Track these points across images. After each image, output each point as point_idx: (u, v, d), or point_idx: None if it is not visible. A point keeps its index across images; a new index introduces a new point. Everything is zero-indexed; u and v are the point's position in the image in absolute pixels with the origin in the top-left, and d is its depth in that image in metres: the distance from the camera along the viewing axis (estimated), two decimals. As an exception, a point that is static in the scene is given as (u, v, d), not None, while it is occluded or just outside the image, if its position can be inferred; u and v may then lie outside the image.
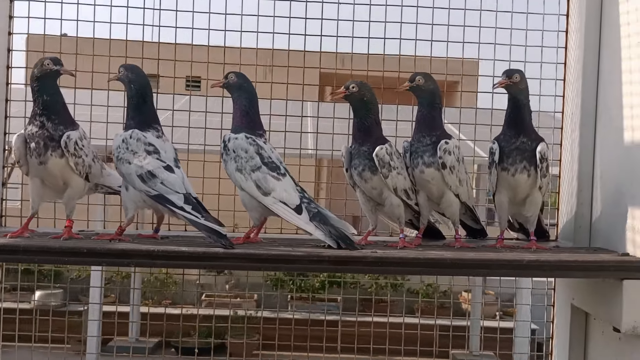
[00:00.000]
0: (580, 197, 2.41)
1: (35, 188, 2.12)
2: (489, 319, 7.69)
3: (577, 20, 2.45)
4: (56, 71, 2.11)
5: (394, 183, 2.20)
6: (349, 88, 2.20)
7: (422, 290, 8.61)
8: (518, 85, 2.22)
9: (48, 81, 2.10)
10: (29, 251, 1.88)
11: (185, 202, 1.96)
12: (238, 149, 2.13)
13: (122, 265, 2.27)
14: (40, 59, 2.12)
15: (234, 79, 2.22)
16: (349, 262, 1.99)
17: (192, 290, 8.22)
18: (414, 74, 2.28)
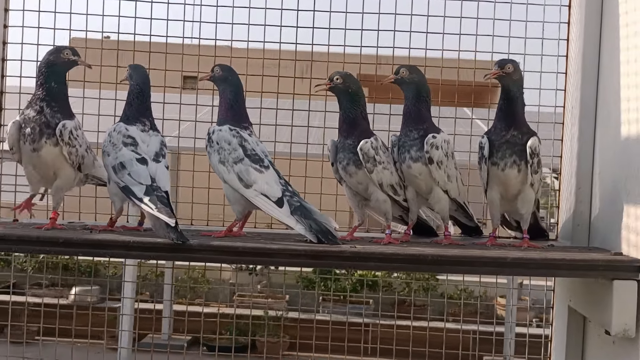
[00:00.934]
0: (579, 195, 2.31)
1: (29, 175, 2.14)
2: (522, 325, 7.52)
3: (578, 11, 2.36)
4: (73, 61, 2.13)
5: (380, 178, 2.16)
6: (333, 80, 2.17)
7: (456, 295, 8.47)
8: (511, 75, 2.14)
9: (60, 70, 2.12)
10: (8, 240, 1.91)
11: (145, 194, 1.95)
12: (221, 141, 2.12)
13: (97, 256, 2.28)
14: (57, 47, 2.15)
15: (219, 72, 2.22)
16: (325, 257, 1.95)
17: (225, 289, 8.31)
18: (399, 67, 2.23)
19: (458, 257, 1.96)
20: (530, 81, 2.22)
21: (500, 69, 2.12)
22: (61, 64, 2.12)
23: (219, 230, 2.17)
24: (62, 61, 2.12)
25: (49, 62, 2.12)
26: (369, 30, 2.56)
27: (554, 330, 2.44)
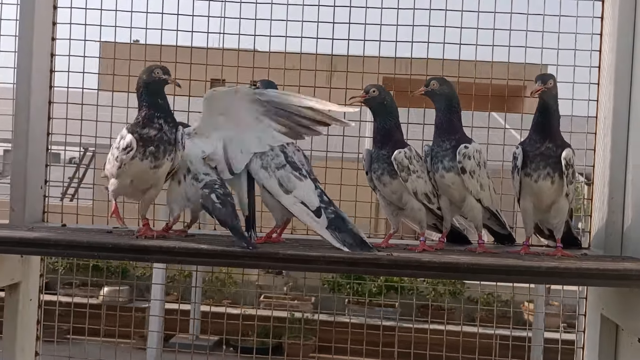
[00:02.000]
0: (611, 205, 2.34)
1: (119, 188, 2.16)
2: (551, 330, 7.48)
3: (611, 24, 2.39)
4: (164, 80, 2.17)
5: (414, 187, 2.21)
6: (369, 92, 2.22)
7: (482, 299, 8.45)
8: (551, 90, 2.17)
9: (159, 87, 2.16)
10: (59, 245, 1.99)
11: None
12: None
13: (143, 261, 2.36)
14: (149, 67, 2.20)
15: (259, 86, 2.29)
16: (363, 264, 2.01)
17: (252, 290, 8.39)
18: (429, 79, 2.27)
19: (493, 266, 2.01)
20: (563, 91, 2.25)
21: (544, 85, 2.15)
22: (156, 82, 2.17)
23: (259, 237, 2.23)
24: (154, 80, 2.16)
25: (146, 82, 2.16)
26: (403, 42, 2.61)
27: (586, 338, 2.47)
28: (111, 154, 2.13)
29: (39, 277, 2.53)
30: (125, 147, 2.07)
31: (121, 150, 2.08)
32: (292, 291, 8.89)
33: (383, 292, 8.21)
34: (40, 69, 2.49)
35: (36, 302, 2.51)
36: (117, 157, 2.09)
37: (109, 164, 2.14)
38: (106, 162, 2.17)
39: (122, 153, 2.07)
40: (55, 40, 2.56)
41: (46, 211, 2.55)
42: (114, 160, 2.11)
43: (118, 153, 2.08)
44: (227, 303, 7.63)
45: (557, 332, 7.07)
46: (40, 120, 2.51)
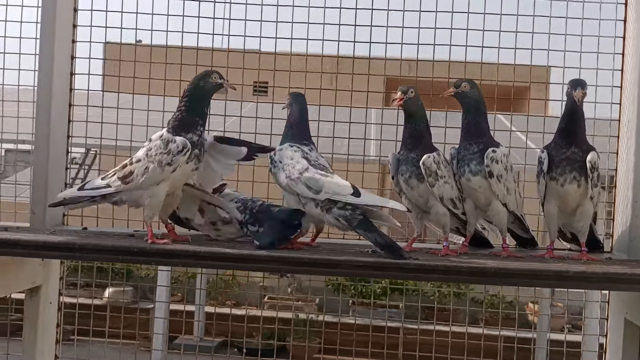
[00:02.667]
0: (635, 208, 2.34)
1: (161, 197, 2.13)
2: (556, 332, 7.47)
3: (635, 27, 2.38)
4: (220, 85, 2.19)
5: (441, 192, 2.20)
6: (407, 93, 2.21)
7: (487, 300, 8.45)
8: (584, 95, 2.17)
9: (209, 94, 2.19)
10: (85, 249, 1.98)
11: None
12: (284, 158, 2.17)
13: (169, 265, 2.35)
14: (206, 72, 2.20)
15: (288, 99, 2.31)
16: (390, 269, 1.99)
17: (256, 292, 8.37)
18: (459, 80, 2.25)
19: (520, 270, 2.00)
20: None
21: (582, 90, 2.13)
22: (211, 89, 2.18)
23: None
24: (211, 85, 2.18)
25: (202, 87, 2.17)
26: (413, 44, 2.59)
27: (609, 342, 2.46)
28: (150, 162, 2.07)
29: (59, 280, 2.51)
30: (181, 149, 2.07)
31: (175, 152, 2.06)
32: (296, 292, 8.88)
33: (388, 294, 8.19)
34: (61, 72, 2.47)
35: (56, 305, 2.49)
36: (169, 161, 2.06)
37: (149, 172, 2.07)
38: (134, 174, 2.08)
39: (179, 155, 2.06)
40: (75, 43, 2.55)
41: (66, 214, 2.53)
42: (157, 166, 2.06)
43: (170, 156, 2.06)
44: (231, 304, 7.63)
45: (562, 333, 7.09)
46: (61, 122, 2.50)
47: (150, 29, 2.76)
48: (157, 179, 2.07)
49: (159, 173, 2.07)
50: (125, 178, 2.08)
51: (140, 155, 2.10)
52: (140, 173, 2.07)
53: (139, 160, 2.09)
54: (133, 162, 2.10)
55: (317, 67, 2.85)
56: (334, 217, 2.07)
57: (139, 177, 2.07)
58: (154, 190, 2.09)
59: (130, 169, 2.08)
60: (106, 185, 2.10)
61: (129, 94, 2.80)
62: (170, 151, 2.07)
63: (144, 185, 2.08)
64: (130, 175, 2.08)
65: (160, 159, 2.07)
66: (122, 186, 2.08)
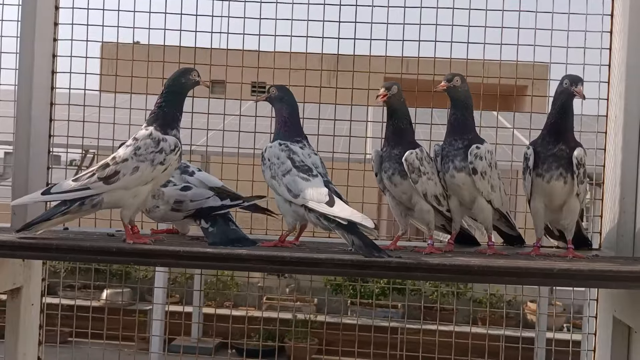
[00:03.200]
0: (623, 205, 2.31)
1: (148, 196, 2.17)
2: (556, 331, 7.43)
3: (622, 21, 2.35)
4: (197, 82, 2.19)
5: (424, 189, 2.17)
6: (390, 89, 2.18)
7: (486, 300, 8.42)
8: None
9: (189, 90, 2.19)
10: (61, 249, 1.96)
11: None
12: (272, 157, 2.17)
13: (148, 265, 2.32)
14: (185, 69, 2.20)
15: (275, 93, 2.27)
16: (371, 267, 1.96)
17: (254, 293, 8.35)
18: (451, 74, 2.21)
19: (504, 268, 1.97)
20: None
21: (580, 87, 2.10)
22: (190, 85, 2.18)
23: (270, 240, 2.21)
24: (191, 82, 2.18)
25: (183, 83, 2.16)
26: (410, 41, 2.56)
27: (598, 341, 2.43)
28: (140, 161, 2.04)
29: (41, 281, 2.49)
30: (173, 148, 2.08)
31: (168, 151, 2.06)
32: (293, 293, 8.85)
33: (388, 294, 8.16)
34: (41, 70, 2.45)
35: (38, 307, 2.47)
36: (161, 160, 2.05)
37: (140, 172, 2.03)
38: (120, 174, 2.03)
39: (171, 154, 2.07)
40: (57, 41, 2.53)
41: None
42: (149, 165, 2.04)
43: (163, 155, 2.05)
44: (229, 305, 7.61)
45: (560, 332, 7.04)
46: (41, 122, 2.47)
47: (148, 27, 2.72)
48: (148, 178, 2.05)
49: (150, 172, 2.04)
50: (109, 178, 2.01)
51: (126, 154, 2.04)
52: (129, 172, 2.02)
53: (126, 159, 2.03)
54: (117, 161, 2.03)
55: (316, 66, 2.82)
56: (315, 217, 2.06)
57: (126, 177, 2.02)
58: (139, 190, 2.06)
59: (114, 168, 2.02)
60: (83, 187, 2.00)
61: (127, 94, 2.77)
62: (163, 150, 2.05)
63: (130, 185, 2.03)
64: (115, 175, 2.01)
65: (153, 157, 2.04)
66: (104, 187, 2.01)
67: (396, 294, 8.62)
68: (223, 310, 7.39)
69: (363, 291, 8.62)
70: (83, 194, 2.01)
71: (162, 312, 7.18)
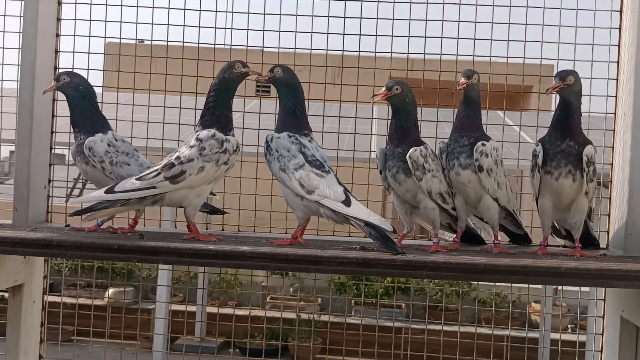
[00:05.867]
0: (631, 204, 2.27)
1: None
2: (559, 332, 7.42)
3: (631, 17, 2.31)
4: (245, 73, 2.18)
5: (428, 186, 2.14)
6: (391, 89, 2.15)
7: (489, 300, 8.39)
8: (572, 87, 2.10)
9: (238, 83, 2.20)
10: (63, 246, 1.93)
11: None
12: (280, 148, 2.10)
13: (150, 262, 2.29)
14: (229, 63, 2.18)
15: (280, 74, 2.17)
16: (376, 265, 1.93)
17: (258, 292, 8.33)
18: (470, 71, 2.17)
19: (511, 267, 1.93)
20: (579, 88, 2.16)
21: (562, 82, 2.08)
22: (234, 79, 2.17)
23: (283, 238, 2.19)
24: (235, 75, 2.16)
25: (226, 79, 2.16)
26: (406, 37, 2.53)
27: (605, 341, 2.40)
28: (205, 161, 2.08)
29: (43, 278, 2.47)
30: (236, 148, 2.14)
31: (232, 151, 2.12)
32: (298, 292, 8.83)
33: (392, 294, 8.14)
34: (44, 66, 2.43)
35: (40, 304, 2.45)
36: (225, 160, 2.11)
37: (205, 171, 2.08)
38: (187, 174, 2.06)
39: (234, 154, 2.14)
40: (59, 37, 2.51)
41: (50, 211, 2.49)
42: (214, 165, 2.09)
43: (227, 155, 2.11)
44: (233, 305, 7.59)
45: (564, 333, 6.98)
46: (44, 118, 2.45)
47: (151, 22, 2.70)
48: (212, 177, 2.11)
49: (215, 172, 2.10)
50: (175, 178, 2.06)
51: (191, 155, 2.08)
52: (194, 172, 2.07)
53: (192, 159, 2.07)
54: (183, 162, 2.07)
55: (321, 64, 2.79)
56: (330, 211, 2.02)
57: (192, 177, 2.07)
58: (203, 189, 2.13)
59: (180, 168, 2.06)
60: (150, 187, 2.04)
61: (129, 93, 2.75)
62: (227, 150, 2.11)
63: (195, 184, 2.09)
64: (181, 175, 2.06)
65: (218, 158, 2.10)
66: (170, 186, 2.06)
67: (400, 294, 8.60)
68: (227, 309, 7.38)
69: (367, 291, 8.60)
70: (149, 193, 2.05)
71: (166, 311, 7.18)
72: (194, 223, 2.15)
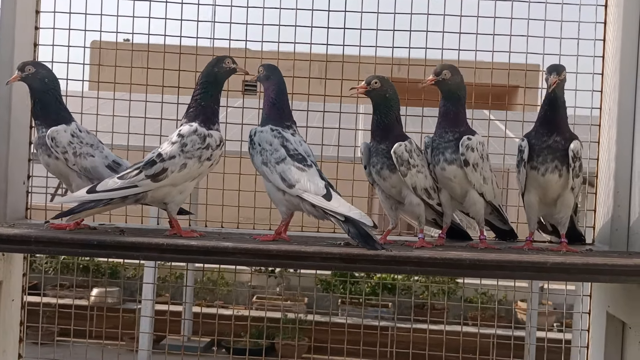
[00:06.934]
0: (617, 199, 2.26)
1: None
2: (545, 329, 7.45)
3: (616, 11, 2.31)
4: (233, 69, 2.17)
5: (413, 182, 2.12)
6: (370, 83, 2.12)
7: (476, 299, 8.41)
8: (563, 81, 2.09)
9: (224, 80, 2.18)
10: (41, 242, 1.89)
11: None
12: (263, 142, 2.09)
13: (130, 258, 2.26)
14: (217, 57, 2.15)
15: (262, 72, 2.19)
16: (360, 261, 1.91)
17: (244, 291, 8.28)
18: (440, 67, 2.16)
19: (497, 262, 1.92)
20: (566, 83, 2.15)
21: (558, 76, 2.06)
22: (223, 74, 2.15)
23: (266, 234, 2.15)
24: (224, 70, 2.14)
25: (214, 73, 2.14)
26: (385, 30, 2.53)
27: (591, 337, 2.39)
28: (187, 157, 2.04)
29: (22, 276, 2.42)
30: (219, 143, 2.10)
31: (214, 147, 2.08)
32: (285, 291, 8.80)
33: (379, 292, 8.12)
34: (22, 58, 2.37)
35: (19, 303, 2.40)
36: (208, 156, 2.08)
37: (188, 168, 2.05)
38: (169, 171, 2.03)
39: (217, 149, 2.10)
40: (38, 30, 2.46)
41: (29, 208, 2.44)
42: (197, 162, 2.06)
43: (209, 151, 2.07)
44: (219, 304, 7.54)
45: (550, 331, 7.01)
46: (22, 112, 2.40)
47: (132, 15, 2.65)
48: (195, 174, 2.08)
49: (197, 168, 2.07)
50: (157, 176, 2.02)
51: (173, 152, 2.04)
52: (177, 170, 2.04)
53: (173, 156, 2.04)
54: (165, 159, 2.03)
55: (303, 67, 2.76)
56: (310, 206, 2.01)
57: (174, 174, 2.03)
58: (186, 185, 2.09)
59: (162, 166, 2.02)
60: (131, 185, 2.00)
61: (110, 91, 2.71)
62: (209, 145, 2.08)
63: (177, 181, 2.05)
64: (163, 173, 2.02)
65: (200, 154, 2.06)
66: (152, 184, 2.02)
67: (386, 293, 8.59)
68: (212, 309, 7.33)
69: (353, 290, 8.57)
70: (131, 192, 2.01)
71: (151, 309, 7.12)
72: (176, 219, 2.11)
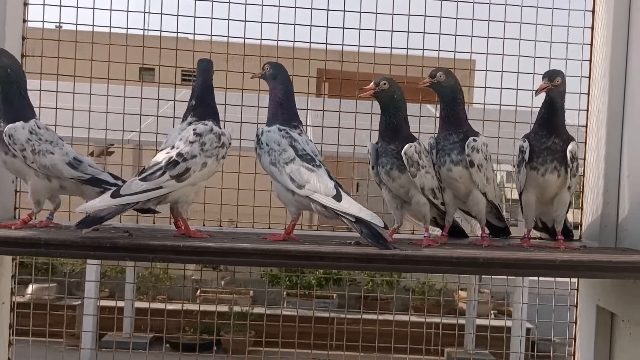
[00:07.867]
0: (606, 197, 2.37)
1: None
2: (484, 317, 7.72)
3: (604, 17, 2.41)
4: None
5: (422, 182, 2.15)
6: (379, 85, 2.14)
7: (418, 288, 8.60)
8: (559, 87, 2.16)
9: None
10: (51, 245, 1.82)
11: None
12: (271, 142, 2.08)
13: (144, 260, 2.20)
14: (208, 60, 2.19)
15: (269, 70, 2.18)
16: (377, 260, 1.93)
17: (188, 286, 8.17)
18: (435, 70, 2.20)
19: (508, 260, 1.98)
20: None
21: (550, 82, 2.13)
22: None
23: (275, 234, 2.13)
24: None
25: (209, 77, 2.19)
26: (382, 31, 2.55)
27: (579, 330, 2.50)
28: (207, 157, 2.03)
29: (11, 278, 2.31)
30: (230, 142, 2.11)
31: (227, 145, 2.09)
32: (228, 285, 8.73)
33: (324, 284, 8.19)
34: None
35: (9, 306, 2.29)
36: (223, 155, 2.09)
37: (208, 167, 2.04)
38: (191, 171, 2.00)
39: (229, 147, 2.11)
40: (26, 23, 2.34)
41: (18, 207, 2.33)
42: (215, 161, 2.07)
43: (225, 150, 2.09)
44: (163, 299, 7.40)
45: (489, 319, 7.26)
46: None
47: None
48: (212, 173, 2.09)
49: (215, 167, 2.09)
50: (181, 176, 1.99)
51: (193, 151, 2.02)
52: (198, 169, 2.02)
53: (195, 156, 2.02)
54: (187, 158, 2.00)
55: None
56: (321, 206, 2.00)
57: (196, 173, 2.01)
58: (200, 185, 2.10)
59: (185, 165, 1.99)
60: (156, 187, 1.95)
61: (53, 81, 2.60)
62: (224, 144, 2.09)
63: (197, 180, 2.05)
64: (186, 173, 2.00)
65: (217, 152, 2.07)
66: (176, 185, 1.99)
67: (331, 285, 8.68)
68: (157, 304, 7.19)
69: (300, 282, 8.60)
70: (157, 194, 1.96)
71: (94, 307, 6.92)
72: (185, 219, 2.07)
